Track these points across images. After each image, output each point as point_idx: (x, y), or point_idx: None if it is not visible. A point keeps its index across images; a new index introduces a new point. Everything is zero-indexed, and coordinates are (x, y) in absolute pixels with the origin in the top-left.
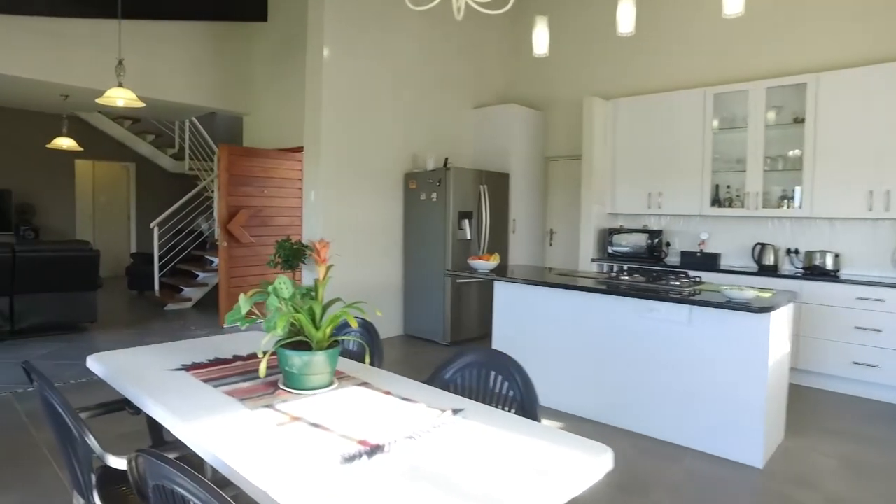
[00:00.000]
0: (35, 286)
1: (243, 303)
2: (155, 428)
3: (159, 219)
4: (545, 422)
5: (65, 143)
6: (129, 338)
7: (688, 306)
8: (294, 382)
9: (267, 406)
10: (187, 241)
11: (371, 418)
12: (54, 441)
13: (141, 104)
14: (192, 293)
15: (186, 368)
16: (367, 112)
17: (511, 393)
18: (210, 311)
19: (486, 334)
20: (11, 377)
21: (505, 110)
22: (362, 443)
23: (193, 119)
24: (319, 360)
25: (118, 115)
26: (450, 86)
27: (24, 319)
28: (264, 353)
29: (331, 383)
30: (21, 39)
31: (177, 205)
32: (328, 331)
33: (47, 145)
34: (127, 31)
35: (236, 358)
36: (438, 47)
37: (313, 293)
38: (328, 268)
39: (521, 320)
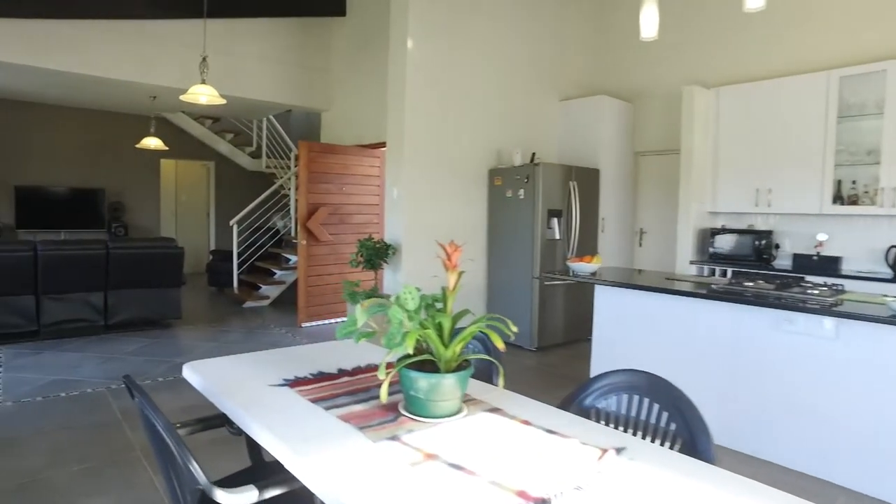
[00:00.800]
0: (126, 282)
1: (360, 315)
2: (254, 446)
3: (238, 216)
4: None
5: (152, 142)
6: (212, 335)
7: (835, 319)
8: (419, 408)
9: (392, 438)
10: (264, 239)
11: (519, 458)
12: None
13: (222, 101)
14: (270, 291)
15: (290, 384)
16: (450, 106)
17: (673, 426)
18: (287, 310)
19: (573, 340)
20: (107, 372)
21: (593, 103)
22: (521, 494)
23: (270, 117)
24: (449, 383)
25: (200, 115)
26: (533, 78)
27: (116, 314)
28: (386, 373)
29: (460, 410)
30: (112, 43)
31: (255, 202)
32: (458, 349)
33: (136, 145)
34: (209, 30)
35: (341, 372)
36: (522, 38)
37: (438, 303)
38: (459, 275)
39: (627, 329)
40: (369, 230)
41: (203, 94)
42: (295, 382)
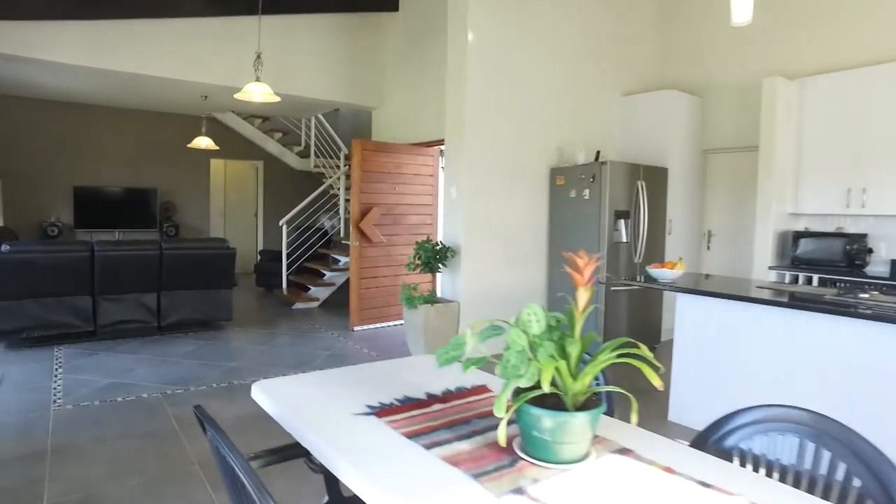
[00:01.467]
0: (179, 283)
1: (470, 339)
2: (332, 478)
3: (288, 216)
4: None
5: (203, 142)
6: (263, 338)
7: None
8: (543, 452)
9: (517, 491)
10: (313, 239)
11: None
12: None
13: (276, 98)
14: (319, 292)
15: (376, 412)
16: (509, 102)
17: (857, 483)
18: (337, 312)
19: None
20: (162, 376)
21: (661, 97)
22: None
23: (319, 116)
24: (580, 423)
25: (249, 115)
26: (595, 72)
27: (169, 315)
28: (507, 409)
29: (588, 453)
30: (166, 42)
31: (304, 202)
32: (587, 381)
33: (188, 145)
34: (262, 27)
35: (432, 398)
36: (583, 29)
37: (563, 322)
38: (592, 292)
39: (715, 345)
40: (423, 231)
41: (257, 92)
42: (382, 411)
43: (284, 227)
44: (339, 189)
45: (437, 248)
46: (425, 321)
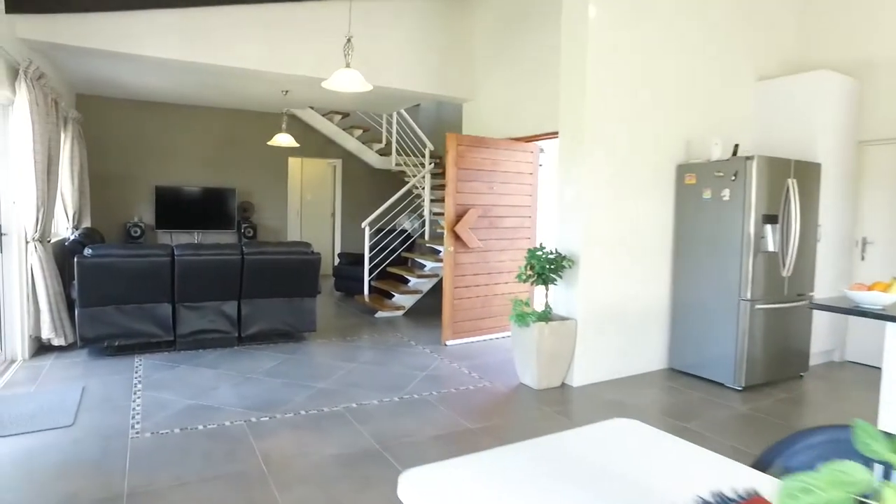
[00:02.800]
0: (260, 291)
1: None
2: None
3: (370, 218)
4: None
5: (284, 139)
6: (349, 353)
7: None
8: None
9: None
10: (396, 242)
11: None
12: None
13: (369, 86)
14: (404, 300)
15: None
16: (630, 89)
17: None
18: (423, 322)
19: (784, 378)
20: (244, 398)
21: (807, 80)
22: None
23: (402, 111)
24: None
25: (329, 111)
26: (726, 53)
27: (250, 326)
28: None
29: None
30: (254, 31)
31: (387, 203)
32: None
33: (268, 142)
34: (345, 15)
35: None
36: (710, 6)
37: None
38: None
39: None
40: (521, 236)
41: (347, 79)
42: None
43: (367, 230)
44: (422, 189)
45: (553, 256)
46: (538, 341)
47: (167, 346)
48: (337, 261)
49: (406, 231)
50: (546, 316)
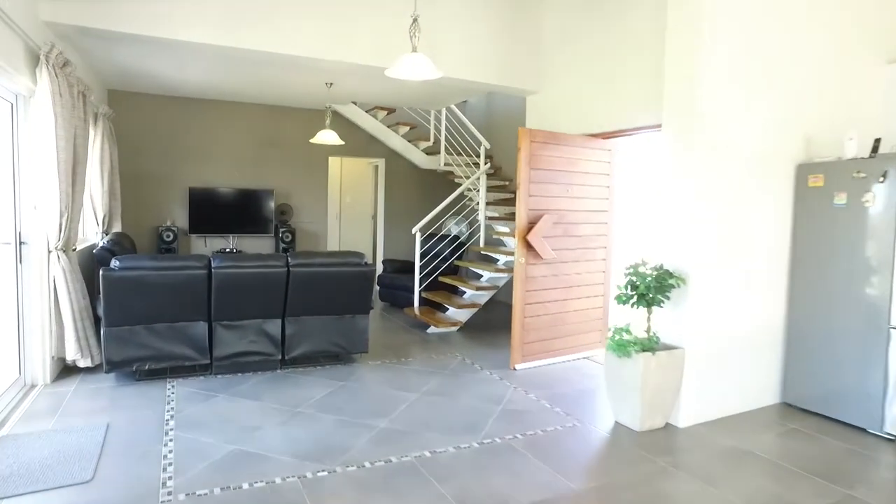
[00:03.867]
0: (307, 307)
1: None
2: None
3: (422, 222)
4: None
5: (328, 136)
6: (407, 380)
7: None
8: None
9: None
10: (444, 248)
11: None
12: None
13: (439, 74)
14: (459, 314)
15: None
16: (742, 77)
17: None
18: (481, 340)
19: None
20: (293, 442)
21: None
22: None
23: (453, 107)
24: None
25: (373, 107)
26: (849, 32)
27: (295, 347)
28: None
29: None
30: (295, 14)
31: (440, 206)
32: None
33: (311, 140)
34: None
35: None
36: None
37: None
38: None
39: None
40: (597, 245)
41: (413, 64)
42: None
43: (418, 235)
44: (476, 190)
45: (659, 273)
46: (644, 375)
47: (202, 370)
48: (381, 268)
49: (456, 237)
50: (652, 345)
